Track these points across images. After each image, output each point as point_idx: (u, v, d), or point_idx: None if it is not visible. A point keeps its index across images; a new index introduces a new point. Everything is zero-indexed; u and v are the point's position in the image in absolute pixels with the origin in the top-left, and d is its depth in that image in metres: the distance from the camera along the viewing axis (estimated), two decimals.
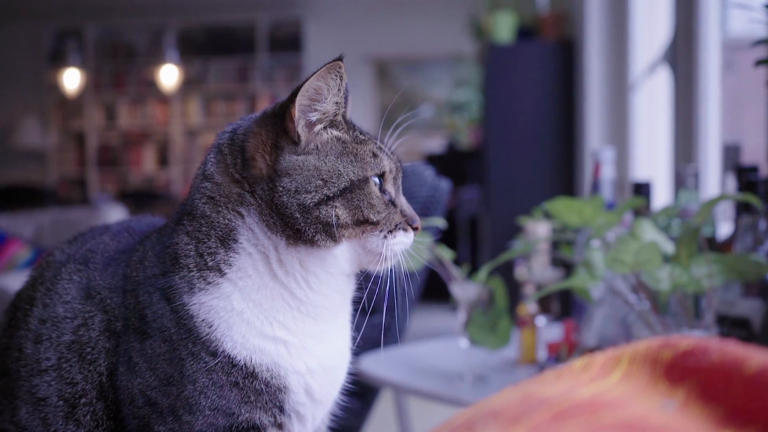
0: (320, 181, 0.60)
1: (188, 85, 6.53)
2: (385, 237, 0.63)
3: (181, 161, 6.60)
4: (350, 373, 0.76)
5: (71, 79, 5.95)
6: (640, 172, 2.87)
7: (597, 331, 1.07)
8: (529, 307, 1.14)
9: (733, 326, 0.95)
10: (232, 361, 0.58)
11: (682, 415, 0.23)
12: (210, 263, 0.60)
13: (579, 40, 3.43)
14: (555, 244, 1.23)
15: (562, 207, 0.88)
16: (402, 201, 0.66)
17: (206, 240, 0.61)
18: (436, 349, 1.23)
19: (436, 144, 6.13)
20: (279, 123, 0.62)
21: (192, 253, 0.61)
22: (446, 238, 5.20)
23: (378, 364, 1.14)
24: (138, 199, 5.25)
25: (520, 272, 1.39)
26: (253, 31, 6.48)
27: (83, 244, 0.67)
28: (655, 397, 0.23)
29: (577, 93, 3.49)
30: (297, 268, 0.61)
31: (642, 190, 1.16)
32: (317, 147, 0.62)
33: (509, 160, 3.58)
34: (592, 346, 1.08)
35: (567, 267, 1.31)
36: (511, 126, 3.62)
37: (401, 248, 0.65)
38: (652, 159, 2.87)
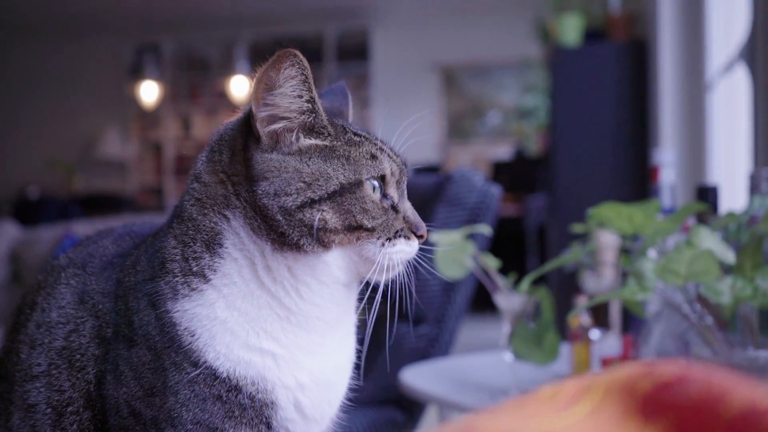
0: (302, 184, 0.57)
1: None
2: (383, 245, 0.59)
3: None
4: (389, 387, 0.72)
5: (149, 92, 6.21)
6: (718, 177, 2.71)
7: (655, 348, 0.99)
8: (581, 319, 1.08)
9: None
10: (215, 373, 0.55)
11: None
12: (194, 268, 0.58)
13: (651, 40, 3.28)
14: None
15: (611, 213, 0.82)
16: (406, 206, 0.62)
17: (192, 244, 0.59)
18: (483, 362, 1.18)
19: (503, 151, 6.02)
20: (248, 120, 0.60)
21: (178, 257, 0.59)
22: (514, 246, 5.07)
23: (421, 377, 1.09)
24: None
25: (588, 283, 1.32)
26: (321, 42, 6.58)
27: (85, 249, 0.66)
28: None
29: (650, 95, 3.34)
30: (285, 276, 0.58)
31: (707, 194, 1.07)
32: (300, 150, 0.59)
33: (577, 167, 3.46)
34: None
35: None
36: (579, 131, 3.49)
37: (402, 257, 0.60)
38: (730, 163, 2.70)
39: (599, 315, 1.16)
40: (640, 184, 3.36)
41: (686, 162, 3.05)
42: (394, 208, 0.61)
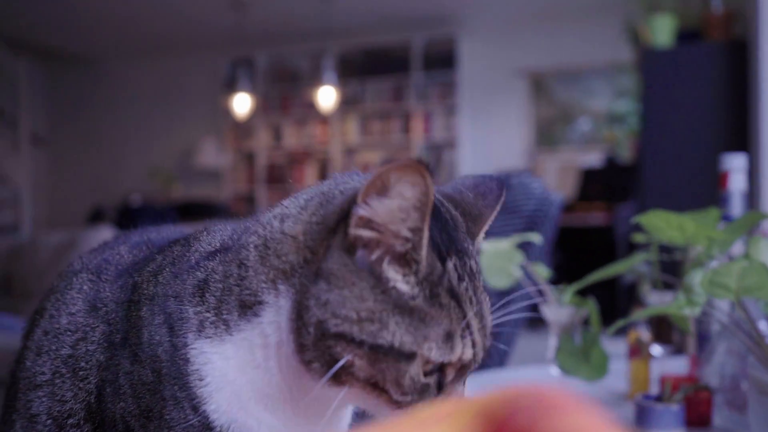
0: (354, 314, 0.48)
1: (346, 105, 6.81)
2: (395, 412, 0.50)
3: None
4: None
5: (242, 104, 6.47)
6: None
7: (718, 368, 0.92)
8: (640, 334, 1.01)
9: None
10: (209, 424, 0.52)
11: None
12: (224, 315, 0.52)
13: (752, 39, 3.07)
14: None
15: (660, 222, 0.76)
16: (456, 391, 0.52)
17: (229, 294, 0.52)
18: (532, 375, 1.13)
19: (594, 158, 5.81)
20: (352, 201, 0.50)
21: (218, 293, 0.53)
22: (603, 256, 4.89)
23: (468, 390, 1.06)
24: None
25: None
26: (407, 51, 6.62)
27: (101, 254, 0.63)
28: None
29: (751, 98, 3.12)
30: (297, 377, 0.52)
31: None
32: (379, 275, 0.49)
33: (668, 174, 3.28)
34: (713, 384, 0.93)
35: None
36: (671, 136, 3.31)
37: None
38: None
39: (663, 330, 1.09)
40: None
41: None
42: (441, 387, 0.50)
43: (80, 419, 0.56)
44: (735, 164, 0.97)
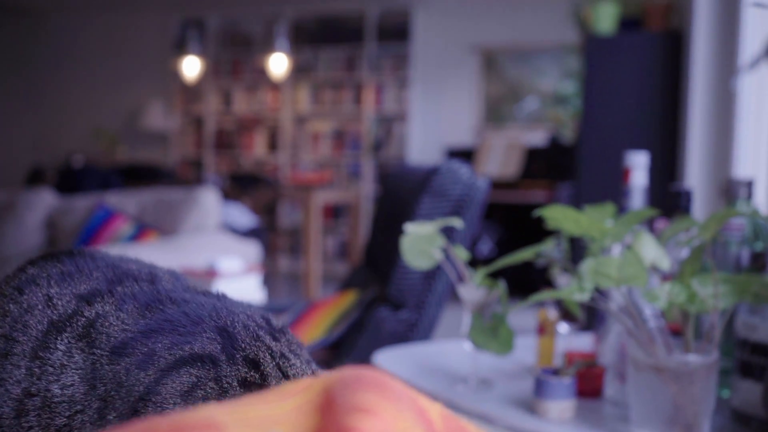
0: None
1: (298, 72, 6.76)
2: None
3: (290, 146, 6.87)
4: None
5: (192, 67, 6.34)
6: (747, 172, 2.66)
7: (612, 347, 1.02)
8: (548, 313, 1.11)
9: (753, 352, 0.88)
10: None
11: None
12: None
13: (686, 30, 3.21)
14: None
15: (559, 214, 0.85)
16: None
17: None
18: (452, 349, 1.22)
19: (538, 137, 5.96)
20: None
21: None
22: (543, 233, 5.06)
23: (392, 360, 1.14)
24: (243, 181, 5.52)
25: None
26: (362, 21, 6.60)
27: (86, 306, 0.51)
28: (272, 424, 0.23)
29: (683, 87, 3.27)
30: None
31: (680, 199, 1.08)
32: None
33: (604, 156, 3.43)
34: (608, 360, 1.03)
35: None
36: (608, 120, 3.46)
37: None
38: (759, 158, 2.65)
39: (570, 310, 1.19)
40: (667, 178, 3.31)
41: (714, 158, 3.00)
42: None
43: None
44: (636, 161, 1.06)
